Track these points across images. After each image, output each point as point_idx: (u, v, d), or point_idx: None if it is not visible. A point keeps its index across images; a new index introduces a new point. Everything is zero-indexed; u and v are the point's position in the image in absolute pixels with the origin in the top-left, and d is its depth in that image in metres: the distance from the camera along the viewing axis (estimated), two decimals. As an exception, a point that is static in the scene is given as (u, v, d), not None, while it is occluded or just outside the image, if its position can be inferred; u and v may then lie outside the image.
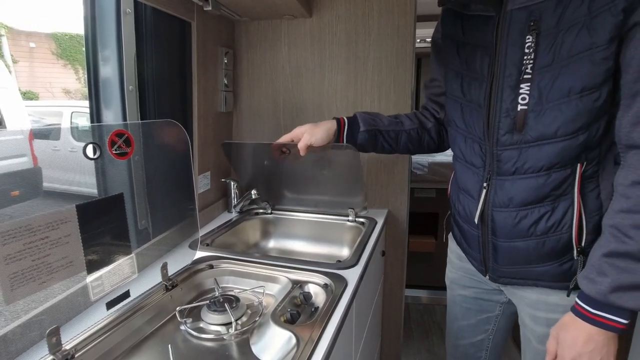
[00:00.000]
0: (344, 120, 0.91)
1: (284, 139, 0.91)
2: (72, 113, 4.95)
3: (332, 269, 0.87)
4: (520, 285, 0.75)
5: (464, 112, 0.75)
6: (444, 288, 0.99)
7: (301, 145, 0.87)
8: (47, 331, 0.55)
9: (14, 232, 0.50)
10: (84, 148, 0.60)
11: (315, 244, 1.29)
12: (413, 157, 1.90)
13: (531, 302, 0.75)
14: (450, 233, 0.94)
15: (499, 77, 0.66)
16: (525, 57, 0.63)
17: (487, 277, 0.78)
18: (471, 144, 0.74)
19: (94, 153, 0.63)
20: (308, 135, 0.87)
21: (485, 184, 0.71)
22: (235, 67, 1.35)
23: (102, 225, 0.65)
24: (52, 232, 0.56)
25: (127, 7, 0.98)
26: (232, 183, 1.28)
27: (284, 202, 1.30)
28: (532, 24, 0.61)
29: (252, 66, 1.35)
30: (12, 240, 0.50)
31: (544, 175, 0.65)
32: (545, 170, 0.65)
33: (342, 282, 0.81)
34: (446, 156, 2.37)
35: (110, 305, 0.67)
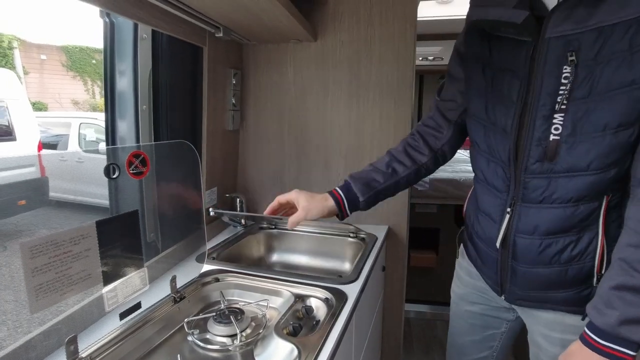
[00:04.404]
0: (340, 196, 0.84)
1: (277, 202, 0.84)
2: (80, 124, 5.05)
3: (333, 284, 0.91)
4: (536, 308, 0.75)
5: (487, 134, 0.73)
6: (445, 303, 0.99)
7: (293, 221, 0.81)
8: (66, 339, 0.60)
9: (42, 247, 0.55)
10: (105, 168, 0.65)
11: (318, 258, 1.32)
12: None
13: (546, 322, 0.75)
14: (462, 249, 0.93)
15: (533, 105, 0.64)
16: (561, 88, 0.61)
17: (503, 297, 0.78)
18: (494, 168, 0.73)
19: (114, 173, 0.68)
20: (303, 212, 0.81)
21: (509, 209, 0.71)
22: (243, 88, 1.41)
23: (118, 240, 0.70)
24: (74, 246, 0.60)
25: (144, 33, 1.05)
26: (237, 198, 1.33)
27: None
28: (570, 54, 0.59)
29: (259, 87, 1.42)
30: (39, 254, 0.55)
31: (571, 207, 0.65)
32: (574, 202, 0.64)
33: (342, 296, 0.85)
34: (447, 173, 2.41)
35: (123, 315, 0.71)
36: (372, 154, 1.37)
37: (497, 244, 0.73)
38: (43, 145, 4.39)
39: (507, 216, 0.71)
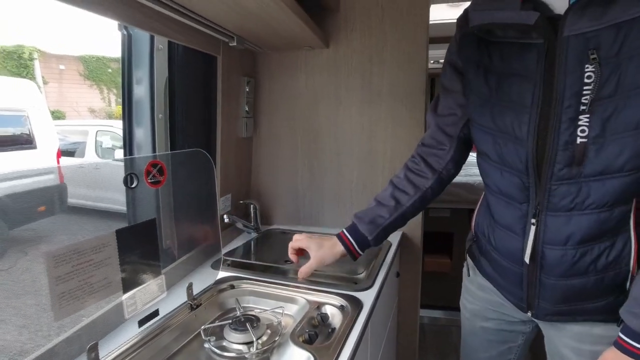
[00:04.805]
0: (349, 239, 0.85)
1: (291, 249, 0.88)
2: (97, 131, 5.18)
3: (348, 291, 0.90)
4: (566, 321, 0.72)
5: (496, 143, 0.70)
6: (459, 308, 0.98)
7: (305, 271, 0.84)
8: (88, 346, 0.61)
9: (65, 256, 0.57)
10: (125, 178, 0.67)
11: (332, 264, 1.32)
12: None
13: (574, 334, 0.72)
14: (470, 263, 0.89)
15: (556, 108, 0.61)
16: (584, 88, 0.58)
17: (529, 313, 0.75)
18: (509, 177, 0.69)
19: (132, 182, 0.69)
20: (315, 262, 0.84)
21: (533, 220, 0.67)
22: (256, 95, 1.43)
23: (136, 248, 0.71)
24: (96, 255, 0.61)
25: (160, 44, 1.07)
26: (251, 205, 1.34)
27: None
28: (591, 52, 0.57)
29: (271, 94, 1.43)
30: (63, 263, 0.56)
31: (606, 211, 0.62)
32: (609, 206, 0.61)
33: (358, 304, 0.85)
34: (461, 177, 2.38)
35: (142, 323, 0.72)
36: (386, 160, 1.37)
37: (526, 258, 0.69)
38: (62, 153, 4.51)
39: (533, 228, 0.67)
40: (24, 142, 4.10)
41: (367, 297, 0.88)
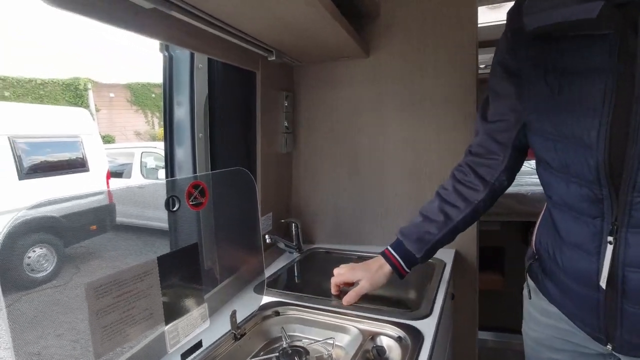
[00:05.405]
0: (396, 259, 0.82)
1: (335, 285, 0.90)
2: (142, 153, 5.47)
3: (405, 319, 0.81)
4: None
5: (559, 150, 0.62)
6: (516, 330, 0.86)
7: (352, 297, 0.85)
8: (130, 384, 0.56)
9: (106, 287, 0.53)
10: (166, 201, 0.63)
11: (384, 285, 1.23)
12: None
13: None
14: (532, 285, 0.79)
15: (637, 107, 0.53)
16: None
17: (610, 347, 0.64)
18: (576, 189, 0.61)
19: (174, 205, 0.66)
20: (369, 286, 0.84)
21: (610, 239, 0.59)
22: (295, 110, 1.39)
23: (178, 275, 0.67)
24: (137, 284, 0.58)
25: (200, 63, 1.06)
26: (292, 223, 1.28)
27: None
28: None
29: (310, 107, 1.39)
30: (104, 295, 0.53)
31: None
32: None
33: (417, 336, 0.75)
34: (511, 187, 2.21)
35: (185, 355, 0.67)
36: (433, 171, 1.27)
37: (602, 283, 0.60)
38: (111, 174, 4.80)
39: (609, 247, 0.59)
40: (78, 165, 4.42)
41: (427, 327, 0.78)
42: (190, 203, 0.69)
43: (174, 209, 0.65)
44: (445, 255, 1.21)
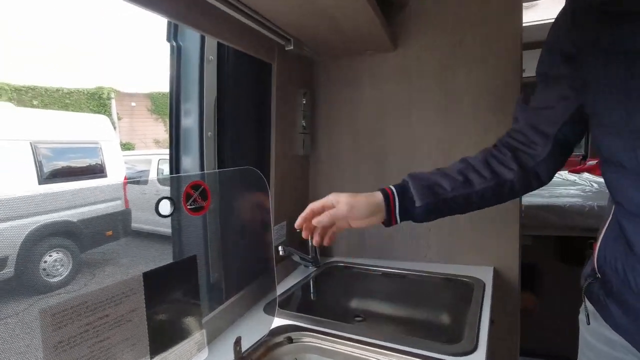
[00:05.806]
0: (392, 193, 0.67)
1: (310, 210, 0.70)
2: (159, 160, 5.51)
3: (443, 355, 0.66)
4: None
5: (634, 148, 0.54)
6: (556, 356, 0.70)
7: (332, 214, 0.66)
8: None
9: (71, 312, 0.41)
10: (156, 205, 0.52)
11: (406, 306, 1.08)
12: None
13: None
14: (591, 308, 0.67)
15: None
16: None
17: None
18: None
19: (169, 209, 0.54)
20: (346, 207, 0.65)
21: None
22: (314, 108, 1.27)
23: (171, 294, 0.55)
24: (115, 308, 0.46)
25: (210, 55, 0.96)
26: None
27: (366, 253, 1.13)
28: None
29: (331, 107, 1.27)
30: (68, 323, 0.41)
31: None
32: None
33: (463, 378, 0.60)
34: (543, 197, 2.03)
35: (175, 396, 0.54)
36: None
37: None
38: (128, 180, 4.82)
39: None
40: (96, 171, 4.46)
41: (473, 367, 0.63)
42: (188, 207, 0.57)
43: (166, 213, 0.53)
44: (482, 273, 1.06)
